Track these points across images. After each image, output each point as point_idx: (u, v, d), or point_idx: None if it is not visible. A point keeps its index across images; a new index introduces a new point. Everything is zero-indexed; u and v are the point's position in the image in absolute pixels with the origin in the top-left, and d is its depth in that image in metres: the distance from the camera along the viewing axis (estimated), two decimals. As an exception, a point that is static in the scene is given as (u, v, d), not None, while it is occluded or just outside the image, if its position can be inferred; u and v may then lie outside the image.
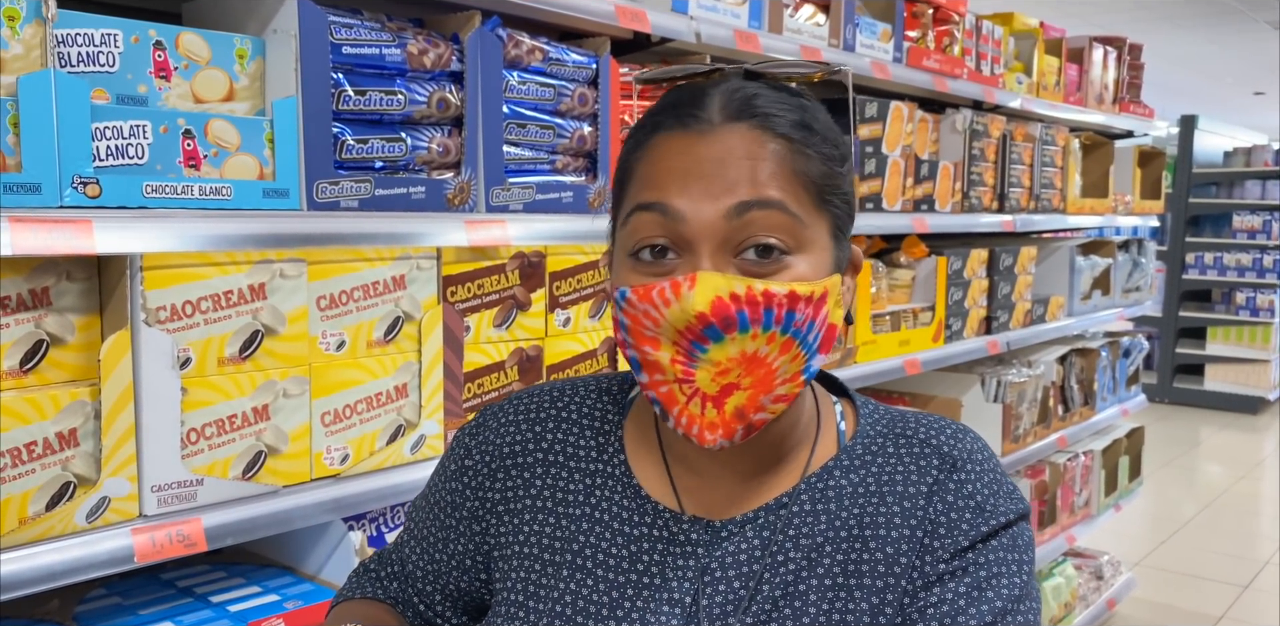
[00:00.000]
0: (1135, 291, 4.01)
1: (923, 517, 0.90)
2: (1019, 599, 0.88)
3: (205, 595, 1.42)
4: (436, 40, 1.51)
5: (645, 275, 0.85)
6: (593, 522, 0.95)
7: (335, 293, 1.44)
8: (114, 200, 1.18)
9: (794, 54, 2.14)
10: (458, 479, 1.03)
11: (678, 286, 0.82)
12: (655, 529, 0.94)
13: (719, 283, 0.82)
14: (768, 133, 0.85)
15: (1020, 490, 0.96)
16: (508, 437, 1.01)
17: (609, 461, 0.98)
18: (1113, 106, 3.70)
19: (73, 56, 1.19)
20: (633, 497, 0.95)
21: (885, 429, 0.97)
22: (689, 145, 0.85)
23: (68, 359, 1.21)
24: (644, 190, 0.86)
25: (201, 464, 1.30)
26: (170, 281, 1.26)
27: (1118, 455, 3.90)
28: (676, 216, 0.83)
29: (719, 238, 0.83)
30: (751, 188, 0.83)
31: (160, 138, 1.23)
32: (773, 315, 0.82)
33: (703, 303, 0.81)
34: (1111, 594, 3.85)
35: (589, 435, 1.00)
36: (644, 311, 0.84)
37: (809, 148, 0.86)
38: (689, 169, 0.84)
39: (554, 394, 1.04)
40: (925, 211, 2.70)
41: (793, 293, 0.83)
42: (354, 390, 1.46)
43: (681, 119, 0.86)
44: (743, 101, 0.86)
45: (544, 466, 0.99)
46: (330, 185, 1.38)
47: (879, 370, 2.51)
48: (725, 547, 0.92)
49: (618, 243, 0.90)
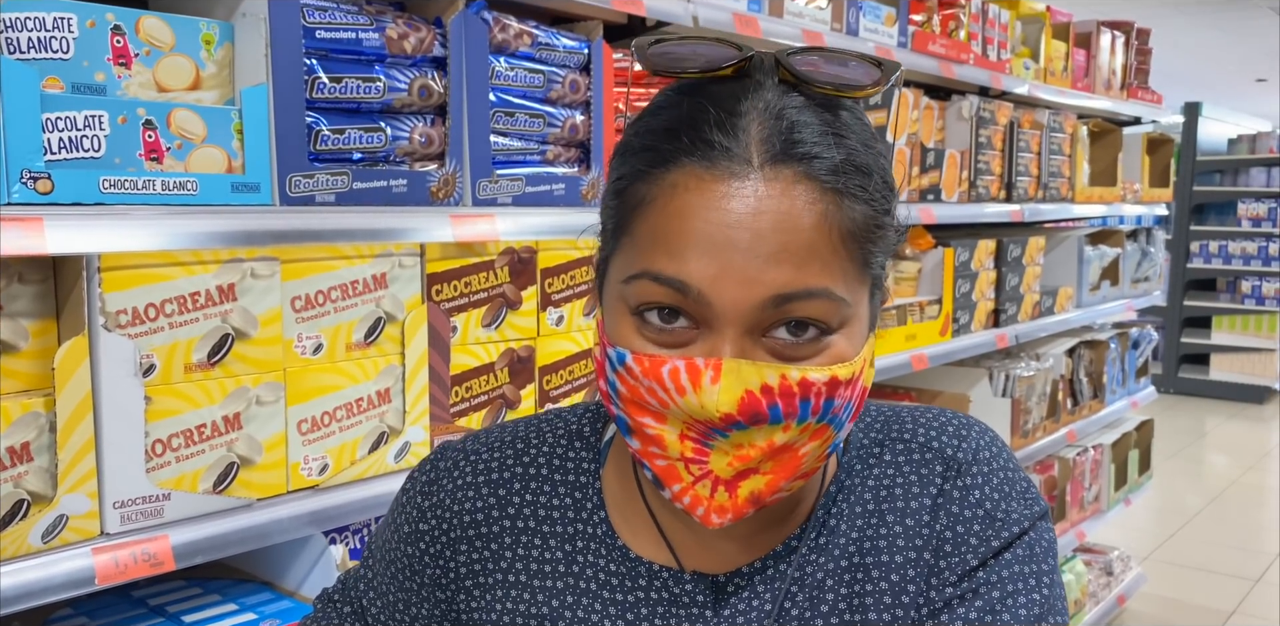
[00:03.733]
0: (1144, 282, 3.93)
1: (929, 536, 0.79)
2: (1041, 616, 0.77)
3: (177, 614, 1.34)
4: (418, 24, 1.42)
5: (651, 342, 0.71)
6: (579, 594, 0.83)
7: (311, 293, 1.35)
8: (68, 196, 1.10)
9: (795, 38, 2.05)
10: (413, 544, 0.89)
11: (697, 375, 0.68)
12: (652, 591, 0.82)
13: (748, 374, 0.68)
14: (813, 183, 0.68)
15: (1035, 488, 0.85)
16: (467, 504, 0.87)
17: (588, 521, 0.85)
18: (1121, 92, 3.61)
19: (22, 42, 1.11)
20: (620, 560, 0.83)
21: (879, 434, 0.84)
22: (719, 198, 0.68)
23: (20, 367, 1.13)
24: (658, 253, 0.69)
25: (168, 477, 1.22)
26: (131, 283, 1.18)
27: (1127, 448, 3.83)
28: (700, 298, 0.68)
29: (748, 324, 0.69)
30: (794, 274, 0.68)
31: (119, 129, 1.15)
32: (809, 406, 0.70)
33: (728, 402, 0.68)
34: (1122, 589, 3.78)
35: (562, 492, 0.86)
36: (649, 388, 0.70)
37: (857, 194, 0.70)
38: (716, 236, 0.67)
39: (517, 445, 0.89)
40: (932, 201, 2.61)
41: (834, 379, 0.70)
42: (332, 396, 1.37)
43: (709, 152, 0.69)
44: (786, 134, 0.69)
45: (513, 535, 0.85)
46: (304, 178, 1.30)
47: (886, 366, 2.43)
48: (735, 606, 0.81)
49: (615, 292, 0.74)
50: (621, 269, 0.73)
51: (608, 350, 0.73)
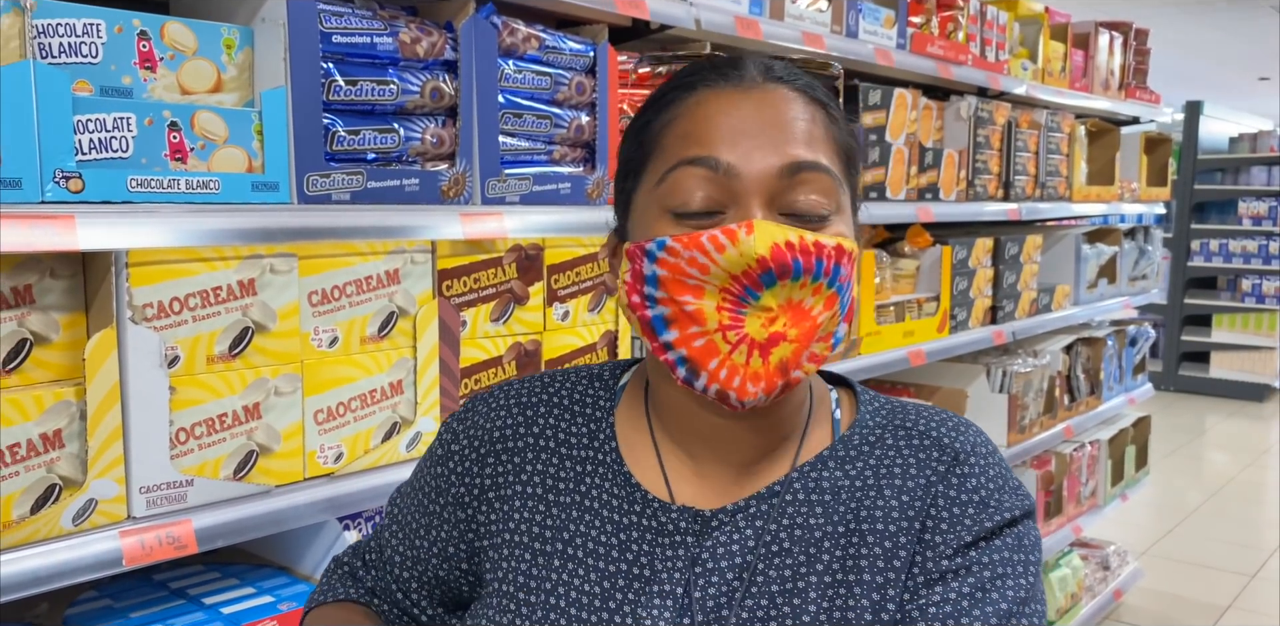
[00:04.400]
0: (1142, 279, 3.97)
1: (921, 511, 0.87)
2: (1025, 601, 0.85)
3: (198, 596, 1.40)
4: (430, 28, 1.47)
5: (690, 228, 0.84)
6: (582, 510, 0.93)
7: (327, 288, 1.40)
8: (97, 195, 1.15)
9: (795, 41, 2.10)
10: (443, 464, 1.00)
11: (733, 233, 0.81)
12: (644, 517, 0.91)
13: (774, 230, 0.82)
14: (807, 96, 0.88)
15: (1026, 487, 0.93)
16: (498, 421, 0.98)
17: (600, 448, 0.95)
18: (1118, 92, 3.65)
19: (54, 47, 1.16)
20: (622, 485, 0.93)
21: (885, 420, 0.94)
22: (736, 100, 0.86)
23: (52, 358, 1.18)
24: (690, 146, 0.85)
25: (191, 464, 1.27)
26: (157, 278, 1.23)
27: (1124, 444, 3.88)
28: (730, 171, 0.84)
29: (770, 193, 0.84)
30: (803, 148, 0.85)
31: (145, 130, 1.20)
32: (823, 266, 0.83)
33: (764, 246, 0.80)
34: (1118, 584, 3.83)
35: (580, 422, 0.97)
36: (690, 258, 0.82)
37: (840, 119, 0.90)
38: (737, 124, 0.85)
39: (544, 380, 1.02)
40: (930, 200, 2.66)
41: (840, 246, 0.84)
42: (347, 387, 1.43)
43: (724, 74, 0.88)
44: (774, 66, 0.89)
45: (535, 452, 0.96)
46: (321, 178, 1.35)
47: (883, 361, 2.48)
48: (716, 538, 0.89)
49: (650, 201, 0.88)
50: (653, 178, 0.88)
51: (645, 246, 0.85)
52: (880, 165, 2.44)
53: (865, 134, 2.38)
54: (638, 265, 0.86)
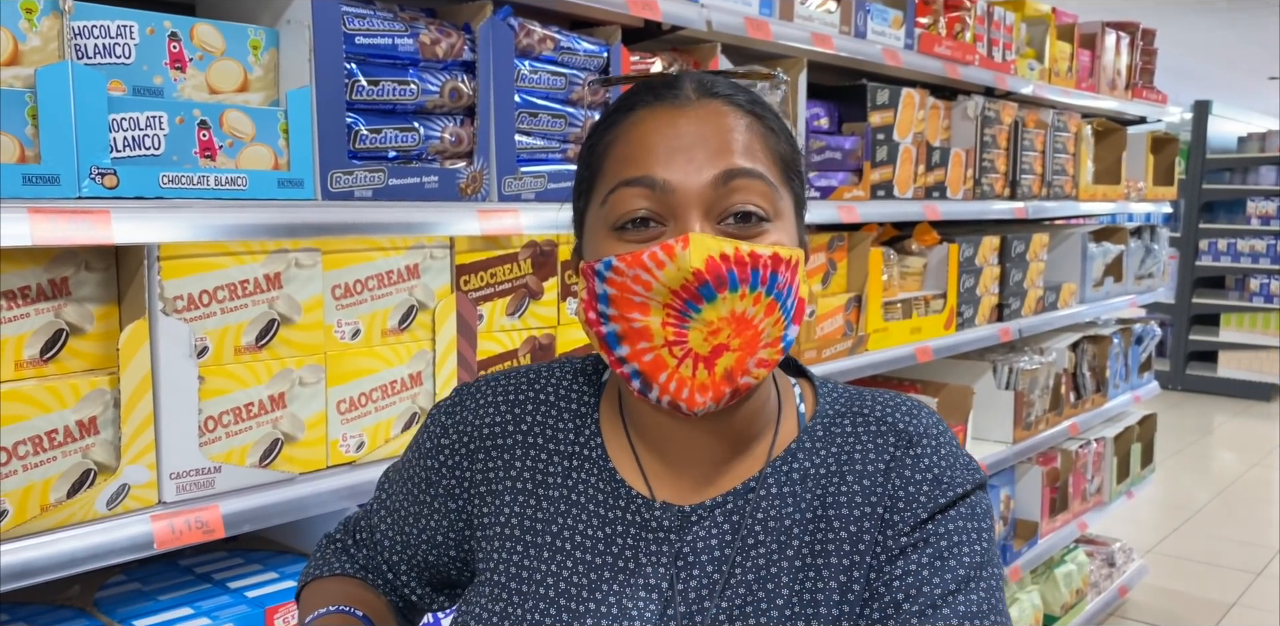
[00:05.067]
0: (1148, 278, 4.00)
1: (882, 494, 0.92)
2: (980, 565, 0.90)
3: (223, 581, 1.44)
4: (449, 30, 1.51)
5: (631, 245, 0.87)
6: (569, 504, 0.97)
7: (350, 282, 1.45)
8: (131, 191, 1.19)
9: (805, 42, 2.14)
10: (434, 456, 1.04)
11: (670, 248, 0.84)
12: (629, 513, 0.95)
13: (710, 243, 0.84)
14: (739, 108, 0.90)
15: (977, 462, 0.98)
16: (486, 418, 1.02)
17: (585, 444, 0.99)
18: (1125, 92, 3.68)
19: (89, 48, 1.20)
20: (607, 480, 0.97)
21: (844, 408, 0.98)
22: (671, 118, 0.89)
23: (87, 348, 1.23)
24: (628, 167, 0.89)
25: (219, 451, 1.32)
26: (187, 271, 1.27)
27: (1130, 442, 3.90)
28: (665, 187, 0.86)
29: (705, 205, 0.87)
30: (734, 157, 0.87)
31: (176, 128, 1.24)
32: (759, 275, 0.86)
33: (698, 260, 0.83)
34: (1123, 581, 3.86)
35: (566, 417, 1.01)
36: (634, 276, 0.86)
37: (778, 128, 0.92)
38: (671, 142, 0.88)
39: (530, 375, 1.05)
40: (937, 198, 2.69)
41: (775, 255, 0.87)
42: (369, 378, 1.47)
43: (659, 94, 0.91)
44: (712, 82, 0.92)
45: (523, 448, 1.00)
46: (344, 175, 1.39)
47: (891, 358, 2.51)
48: (696, 532, 0.93)
49: (597, 220, 0.91)
50: (598, 198, 0.91)
51: (594, 266, 0.88)
52: (888, 164, 2.48)
53: (873, 133, 2.42)
54: (590, 284, 0.89)
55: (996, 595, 0.90)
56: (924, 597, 0.88)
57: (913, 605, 0.87)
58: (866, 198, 2.42)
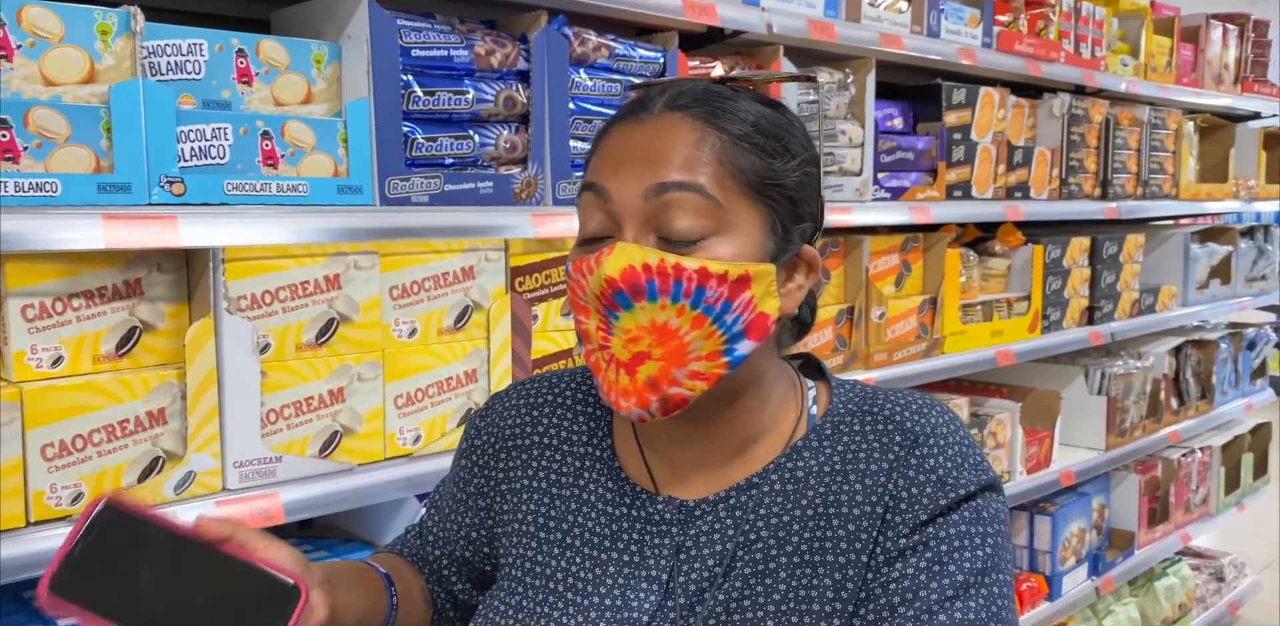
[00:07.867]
0: (1261, 280, 3.82)
1: (883, 494, 0.91)
2: (983, 571, 0.88)
3: (290, 565, 1.52)
4: (504, 40, 1.57)
5: (584, 253, 0.92)
6: (580, 503, 1.01)
7: (407, 283, 1.51)
8: (198, 197, 1.28)
9: (873, 43, 2.13)
10: (468, 457, 1.11)
11: (600, 256, 0.88)
12: (634, 508, 0.98)
13: (633, 253, 0.87)
14: (702, 122, 0.90)
15: (988, 462, 0.95)
16: (510, 421, 1.08)
17: (597, 445, 1.03)
18: (1234, 87, 3.53)
19: (163, 65, 1.29)
20: (614, 479, 1.01)
21: (855, 407, 0.98)
22: (631, 132, 0.92)
23: (158, 344, 1.32)
24: (588, 173, 0.94)
25: (280, 442, 1.40)
26: (251, 272, 1.36)
27: (1240, 452, 3.74)
28: (607, 196, 0.90)
29: (642, 216, 0.88)
30: (672, 170, 0.88)
31: (240, 139, 1.33)
32: (682, 288, 0.86)
33: (613, 269, 0.86)
34: (1234, 596, 3.69)
35: (581, 421, 1.05)
36: (576, 282, 0.91)
37: (745, 141, 0.90)
38: (623, 154, 0.91)
39: (553, 380, 1.11)
40: (1019, 199, 2.64)
41: (703, 269, 0.87)
42: (425, 375, 1.53)
43: (631, 111, 0.94)
44: (689, 95, 0.92)
45: (540, 449, 1.05)
46: (401, 181, 1.46)
47: (968, 361, 2.47)
48: (699, 526, 0.95)
49: None
50: None
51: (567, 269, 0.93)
52: (965, 164, 2.45)
53: (949, 132, 2.39)
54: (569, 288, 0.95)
55: (1000, 603, 0.88)
56: (920, 602, 0.87)
57: (908, 609, 0.87)
58: (941, 198, 2.39)
